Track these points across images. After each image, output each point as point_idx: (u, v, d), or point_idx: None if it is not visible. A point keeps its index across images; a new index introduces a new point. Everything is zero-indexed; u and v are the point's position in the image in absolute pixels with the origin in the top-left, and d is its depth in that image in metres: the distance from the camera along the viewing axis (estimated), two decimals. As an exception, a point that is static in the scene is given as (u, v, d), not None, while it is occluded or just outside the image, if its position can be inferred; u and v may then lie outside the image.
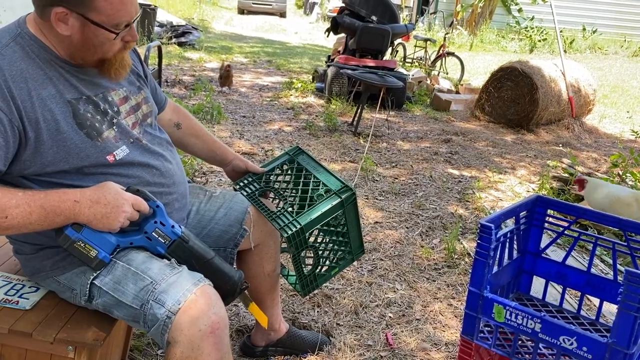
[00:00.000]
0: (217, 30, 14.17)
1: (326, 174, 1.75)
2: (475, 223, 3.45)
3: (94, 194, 1.26)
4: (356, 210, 1.72)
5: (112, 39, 1.30)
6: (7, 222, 1.17)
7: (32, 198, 1.20)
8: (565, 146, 5.71)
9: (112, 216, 1.27)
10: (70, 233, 1.26)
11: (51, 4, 1.23)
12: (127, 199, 1.29)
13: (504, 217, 1.41)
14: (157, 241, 1.37)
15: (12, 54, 1.24)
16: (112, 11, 1.25)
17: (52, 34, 1.29)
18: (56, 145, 1.27)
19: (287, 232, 1.57)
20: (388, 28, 6.74)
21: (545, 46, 14.92)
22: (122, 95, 1.43)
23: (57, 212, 1.23)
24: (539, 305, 1.63)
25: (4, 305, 1.39)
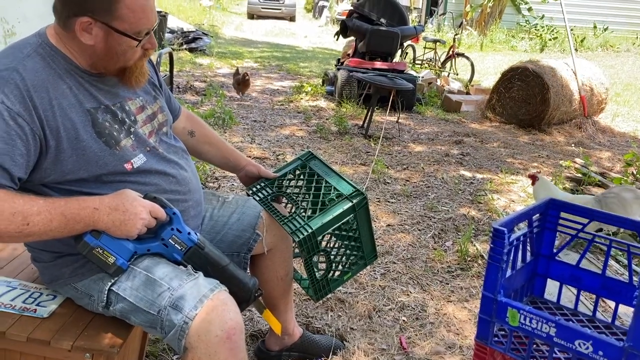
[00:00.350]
0: (227, 36, 14.25)
1: (337, 179, 1.76)
2: (487, 225, 3.43)
3: (113, 201, 1.28)
4: (368, 215, 1.72)
5: (134, 47, 1.33)
6: (28, 229, 1.19)
7: (53, 205, 1.23)
8: (578, 146, 5.67)
9: (130, 223, 1.29)
10: (89, 240, 1.28)
11: (75, 14, 1.26)
12: (145, 206, 1.32)
13: (517, 220, 1.41)
14: (173, 248, 1.39)
15: (33, 65, 1.27)
16: (134, 19, 1.28)
17: (74, 44, 1.31)
18: (76, 154, 1.30)
19: (298, 237, 1.58)
20: (397, 30, 6.74)
21: (556, 45, 14.81)
22: (138, 104, 1.46)
23: (77, 219, 1.25)
24: (554, 308, 1.62)
25: (22, 313, 1.42)
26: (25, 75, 1.24)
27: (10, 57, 1.27)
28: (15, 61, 1.25)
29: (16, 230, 1.18)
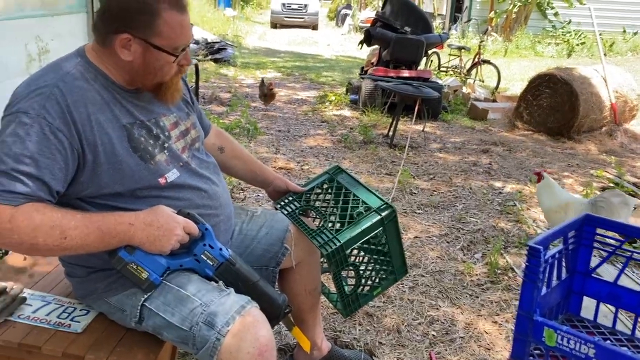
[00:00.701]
0: (250, 46, 14.39)
1: (366, 192, 1.75)
2: (517, 237, 3.37)
3: (148, 217, 1.30)
4: (397, 229, 1.70)
5: (171, 62, 1.36)
6: (65, 243, 1.22)
7: (90, 220, 1.25)
8: (609, 154, 5.54)
9: (165, 239, 1.31)
10: (124, 255, 1.30)
11: (115, 31, 1.30)
12: (179, 222, 1.33)
13: (552, 237, 1.38)
14: (205, 263, 1.40)
15: (73, 81, 1.31)
16: (173, 35, 1.32)
17: (112, 60, 1.35)
18: (112, 168, 1.32)
19: (326, 250, 1.57)
20: (422, 38, 6.71)
21: (584, 50, 14.55)
22: (172, 120, 1.49)
23: (113, 234, 1.27)
24: (591, 327, 1.58)
25: (57, 328, 1.44)
26: (66, 91, 1.28)
27: (51, 73, 1.31)
28: (55, 78, 1.29)
29: (54, 243, 1.21)
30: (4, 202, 1.17)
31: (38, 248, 1.21)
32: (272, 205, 1.98)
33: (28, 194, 1.20)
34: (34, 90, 1.27)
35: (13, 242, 1.19)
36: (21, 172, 1.19)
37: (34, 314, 1.49)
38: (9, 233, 1.17)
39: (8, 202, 1.18)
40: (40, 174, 1.21)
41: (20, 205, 1.18)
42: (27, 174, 1.20)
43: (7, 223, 1.17)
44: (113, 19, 1.31)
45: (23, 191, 1.19)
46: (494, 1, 15.53)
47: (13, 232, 1.17)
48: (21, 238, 1.18)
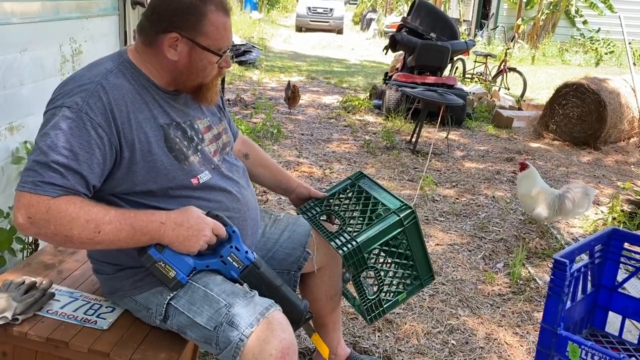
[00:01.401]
0: (275, 49, 14.48)
1: (386, 194, 1.74)
2: (540, 248, 3.33)
3: (178, 217, 1.33)
4: (419, 231, 1.68)
5: (214, 63, 1.41)
6: (99, 237, 1.25)
7: (124, 216, 1.28)
8: (637, 166, 5.44)
9: (194, 239, 1.34)
10: (153, 253, 1.33)
11: (164, 30, 1.35)
12: (208, 223, 1.36)
13: (578, 251, 1.36)
14: (231, 265, 1.42)
15: (115, 80, 1.35)
16: (217, 36, 1.38)
17: (156, 60, 1.40)
18: (147, 166, 1.35)
19: (343, 251, 1.57)
20: (448, 45, 6.67)
21: (613, 59, 14.31)
22: (206, 124, 1.52)
23: (144, 231, 1.30)
24: (615, 342, 1.56)
25: (83, 324, 1.47)
26: (108, 88, 1.32)
27: (94, 71, 1.36)
28: (99, 76, 1.34)
29: (88, 237, 1.24)
30: (43, 193, 1.20)
31: (72, 240, 1.23)
32: (294, 210, 1.99)
33: (66, 186, 1.23)
34: (78, 87, 1.31)
35: (48, 232, 1.22)
36: (61, 165, 1.23)
37: (62, 310, 1.52)
38: (45, 224, 1.20)
39: (46, 193, 1.21)
40: (79, 167, 1.24)
41: (58, 197, 1.21)
42: (66, 166, 1.23)
43: (44, 214, 1.20)
44: (161, 19, 1.36)
45: (61, 183, 1.22)
46: (521, 8, 15.37)
47: (49, 223, 1.20)
48: (57, 229, 1.21)
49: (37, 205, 1.20)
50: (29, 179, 1.21)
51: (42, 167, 1.22)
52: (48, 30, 2.13)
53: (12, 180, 2.05)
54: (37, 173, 1.21)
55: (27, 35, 2.01)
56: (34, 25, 2.06)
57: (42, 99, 2.13)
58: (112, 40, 2.79)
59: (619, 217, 3.64)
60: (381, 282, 1.73)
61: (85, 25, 2.45)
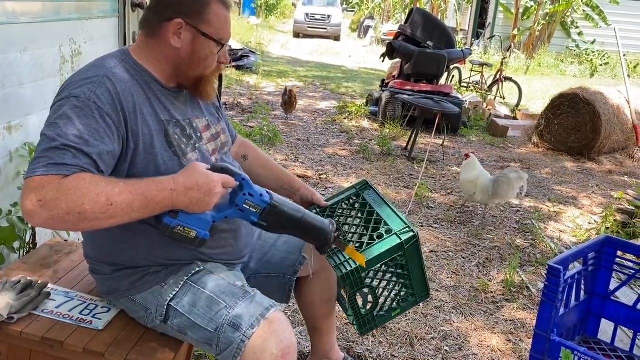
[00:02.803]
0: (273, 54, 14.52)
1: (390, 212, 1.70)
2: (534, 255, 3.35)
3: (187, 181, 1.28)
4: (419, 253, 1.65)
5: (215, 53, 1.43)
6: (112, 210, 1.20)
7: (133, 187, 1.24)
8: (630, 176, 5.48)
9: (207, 199, 1.30)
10: (169, 221, 1.30)
11: (169, 18, 1.38)
12: (217, 180, 1.31)
13: (572, 258, 1.38)
14: (249, 212, 1.39)
15: (120, 73, 1.37)
16: (219, 26, 1.42)
17: (159, 52, 1.42)
18: (147, 159, 1.36)
19: (341, 272, 1.55)
20: (445, 53, 6.71)
21: (607, 70, 14.42)
22: (204, 123, 1.53)
23: (157, 200, 1.26)
24: (607, 350, 1.57)
25: (79, 324, 1.47)
26: (115, 80, 1.34)
27: (99, 67, 1.37)
28: (104, 70, 1.35)
29: (101, 210, 1.19)
30: (54, 173, 1.18)
31: (85, 217, 1.18)
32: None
33: (77, 164, 1.20)
34: (84, 79, 1.32)
35: (61, 213, 1.16)
36: (71, 147, 1.21)
37: (58, 309, 1.52)
38: (56, 203, 1.15)
39: (58, 172, 1.18)
40: (90, 150, 1.23)
41: (69, 175, 1.19)
42: (77, 149, 1.21)
43: (55, 192, 1.16)
44: (167, 7, 1.39)
45: (73, 162, 1.20)
46: (518, 18, 15.49)
47: (60, 201, 1.16)
48: (69, 207, 1.16)
49: (48, 186, 1.16)
50: (40, 164, 1.18)
51: (51, 151, 1.20)
52: (48, 31, 2.14)
53: (10, 179, 2.05)
54: (47, 157, 1.19)
55: (27, 35, 2.02)
56: (35, 25, 2.06)
57: (41, 99, 2.14)
58: (111, 42, 2.80)
59: (612, 226, 3.67)
60: (376, 299, 1.71)
61: (85, 26, 2.46)
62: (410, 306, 1.76)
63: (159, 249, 1.44)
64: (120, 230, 1.38)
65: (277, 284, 1.76)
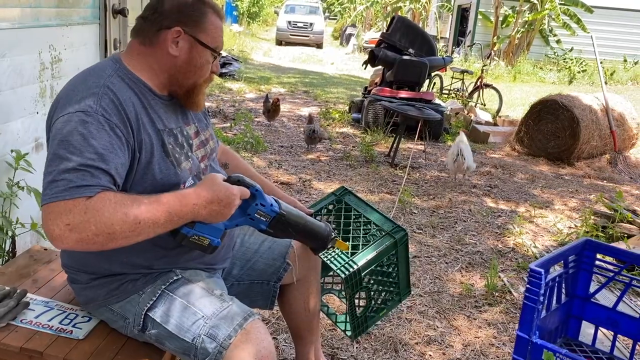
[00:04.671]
0: (256, 62, 14.52)
1: (376, 214, 1.74)
2: (515, 259, 3.39)
3: (208, 195, 1.29)
4: (407, 251, 1.70)
5: (210, 62, 1.45)
6: (140, 228, 1.20)
7: (158, 203, 1.24)
8: (608, 181, 5.58)
9: (225, 212, 1.32)
10: (186, 231, 1.32)
11: (168, 26, 1.39)
12: (236, 193, 1.34)
13: (553, 261, 1.40)
14: (259, 220, 1.43)
15: (118, 83, 1.35)
16: (215, 35, 1.44)
17: (154, 60, 1.41)
18: (147, 167, 1.35)
19: (344, 273, 1.57)
20: (426, 61, 6.78)
21: (585, 77, 14.70)
22: (194, 130, 1.53)
23: (180, 215, 1.27)
24: (589, 351, 1.59)
25: (58, 334, 1.45)
26: (115, 90, 1.32)
27: (95, 77, 1.35)
28: (102, 79, 1.33)
29: (130, 229, 1.19)
30: (78, 196, 1.16)
31: (115, 237, 1.17)
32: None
33: (98, 184, 1.19)
34: (85, 91, 1.30)
35: (90, 235, 1.15)
36: (89, 166, 1.19)
37: (37, 319, 1.49)
38: (85, 226, 1.15)
39: (82, 195, 1.16)
40: (107, 167, 1.22)
41: (93, 197, 1.17)
42: (95, 167, 1.20)
43: (83, 215, 1.14)
44: (164, 16, 1.40)
45: (94, 183, 1.18)
46: (497, 26, 15.73)
47: (89, 223, 1.14)
48: (98, 229, 1.15)
49: (74, 209, 1.15)
50: (60, 188, 1.16)
51: (69, 173, 1.18)
52: (27, 37, 2.11)
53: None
54: (67, 180, 1.17)
55: (6, 41, 1.99)
56: (13, 31, 2.03)
57: (20, 106, 2.11)
58: (92, 48, 2.77)
59: (591, 230, 3.73)
60: (370, 300, 1.73)
61: (65, 33, 2.43)
62: (395, 304, 1.81)
63: (136, 256, 1.42)
64: None
65: (261, 290, 1.76)
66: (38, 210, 2.00)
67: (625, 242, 3.36)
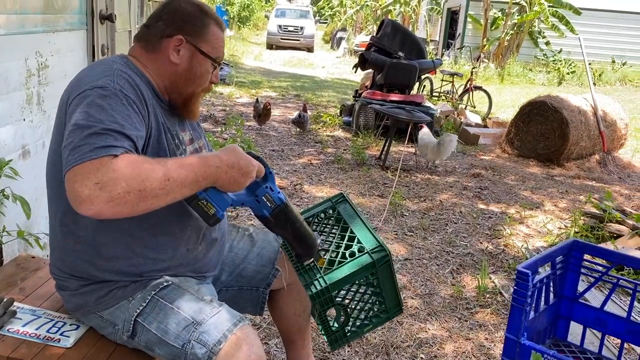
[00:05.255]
0: (247, 65, 14.51)
1: (363, 230, 1.68)
2: (506, 261, 3.40)
3: (230, 159, 1.30)
4: (391, 271, 1.63)
5: (210, 72, 1.47)
6: (169, 185, 1.19)
7: (183, 163, 1.25)
8: (597, 181, 5.62)
9: (242, 181, 1.32)
10: (198, 192, 1.30)
11: (170, 34, 1.42)
12: (255, 165, 1.35)
13: (541, 262, 1.40)
14: (264, 204, 1.41)
15: (129, 71, 1.37)
16: (216, 45, 1.47)
17: (156, 66, 1.43)
18: (150, 153, 1.35)
19: (311, 290, 1.54)
20: (415, 64, 6.81)
21: (574, 78, 14.82)
22: (188, 137, 1.54)
23: (205, 175, 1.26)
24: (577, 352, 1.60)
25: (46, 343, 1.43)
26: (129, 74, 1.35)
27: (106, 65, 1.36)
28: (115, 65, 1.35)
29: (160, 186, 1.17)
30: (104, 154, 1.14)
31: (145, 195, 1.15)
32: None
33: (122, 146, 1.18)
34: (100, 73, 1.31)
35: (121, 192, 1.12)
36: (111, 130, 1.19)
37: (24, 328, 1.48)
38: (115, 183, 1.12)
39: (108, 153, 1.14)
40: (129, 133, 1.22)
41: (120, 155, 1.16)
42: (117, 131, 1.19)
43: (111, 172, 1.12)
44: (168, 25, 1.43)
45: (118, 144, 1.17)
46: (487, 29, 15.83)
47: (119, 180, 1.12)
48: (128, 185, 1.13)
49: (102, 167, 1.12)
50: (84, 150, 1.14)
51: (92, 137, 1.16)
52: (13, 44, 2.09)
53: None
54: (90, 144, 1.15)
55: (-9, 49, 1.97)
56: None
57: (6, 113, 2.09)
58: (79, 55, 2.76)
59: (580, 230, 3.75)
60: (348, 316, 1.69)
61: (51, 39, 2.42)
62: (382, 322, 1.74)
63: (126, 263, 1.41)
64: (87, 243, 1.38)
65: (250, 297, 1.75)
66: (25, 217, 1.99)
67: (612, 243, 3.38)
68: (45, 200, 1.50)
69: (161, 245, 1.43)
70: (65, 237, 1.42)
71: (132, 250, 1.41)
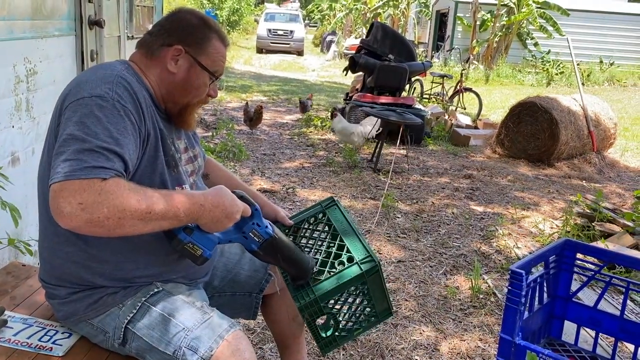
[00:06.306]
0: (237, 70, 14.49)
1: (353, 238, 1.64)
2: (499, 261, 3.41)
3: (215, 199, 1.31)
4: (381, 281, 1.61)
5: (207, 84, 1.46)
6: (149, 217, 1.20)
7: (168, 197, 1.24)
8: (588, 181, 5.66)
9: (225, 222, 1.33)
10: (183, 237, 1.33)
11: (170, 44, 1.42)
12: (240, 207, 1.36)
13: (534, 262, 1.41)
14: (252, 240, 1.43)
15: (129, 76, 1.36)
16: (216, 59, 1.46)
17: (155, 72, 1.43)
18: (148, 162, 1.35)
19: (299, 302, 1.53)
20: (405, 66, 6.83)
21: (563, 79, 14.94)
22: (184, 145, 1.54)
23: (187, 212, 1.27)
24: (572, 351, 1.60)
25: (38, 352, 1.41)
26: (129, 81, 1.34)
27: (107, 69, 1.36)
28: (115, 71, 1.35)
29: (139, 217, 1.18)
30: (94, 176, 1.15)
31: (124, 223, 1.17)
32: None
33: (113, 168, 1.18)
34: (100, 79, 1.30)
35: (101, 216, 1.14)
36: (105, 149, 1.19)
37: (15, 337, 1.46)
38: (98, 207, 1.14)
39: (97, 176, 1.15)
40: (122, 151, 1.22)
41: (108, 179, 1.16)
42: (110, 150, 1.19)
43: (97, 196, 1.14)
44: (169, 34, 1.43)
45: (109, 166, 1.18)
46: (476, 31, 15.93)
47: (102, 205, 1.14)
48: (110, 212, 1.14)
49: (89, 189, 1.13)
50: (75, 167, 1.15)
51: (85, 154, 1.17)
52: (1, 50, 2.08)
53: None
54: (82, 160, 1.16)
55: (-22, 55, 1.96)
56: (-14, 44, 2.01)
57: (-6, 120, 2.07)
58: (68, 60, 2.74)
59: (572, 230, 3.77)
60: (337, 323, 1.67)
61: (40, 45, 2.40)
62: (372, 325, 1.73)
63: (117, 269, 1.40)
64: (78, 245, 1.36)
65: (243, 302, 1.74)
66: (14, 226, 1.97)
67: (602, 242, 3.40)
68: (34, 207, 1.49)
69: (152, 250, 1.42)
70: (56, 239, 1.40)
71: (123, 254, 1.40)
